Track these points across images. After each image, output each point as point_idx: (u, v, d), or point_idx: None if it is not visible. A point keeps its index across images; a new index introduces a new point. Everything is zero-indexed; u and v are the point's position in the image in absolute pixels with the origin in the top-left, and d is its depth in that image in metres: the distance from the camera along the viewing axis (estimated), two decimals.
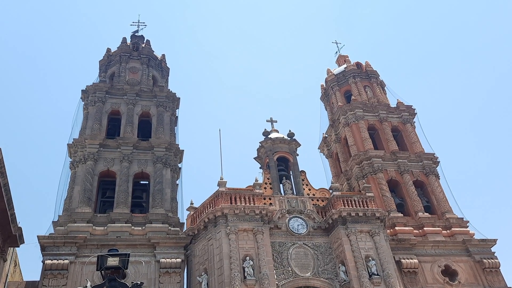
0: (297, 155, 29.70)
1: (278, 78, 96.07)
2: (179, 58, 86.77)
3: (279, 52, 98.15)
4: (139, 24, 40.12)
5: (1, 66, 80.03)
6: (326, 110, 40.22)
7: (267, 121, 31.83)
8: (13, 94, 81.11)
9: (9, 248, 21.33)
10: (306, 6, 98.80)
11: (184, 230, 25.96)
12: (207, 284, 22.50)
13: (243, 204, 24.39)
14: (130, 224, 25.09)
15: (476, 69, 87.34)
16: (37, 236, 23.02)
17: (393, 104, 36.71)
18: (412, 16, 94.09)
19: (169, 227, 25.42)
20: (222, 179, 25.63)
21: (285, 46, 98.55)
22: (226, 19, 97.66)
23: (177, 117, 33.98)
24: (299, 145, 30.11)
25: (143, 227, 25.11)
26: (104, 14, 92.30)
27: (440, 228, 28.50)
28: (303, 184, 27.98)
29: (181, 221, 26.73)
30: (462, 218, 29.39)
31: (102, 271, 10.29)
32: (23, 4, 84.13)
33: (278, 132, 30.98)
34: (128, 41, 37.86)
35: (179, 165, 30.54)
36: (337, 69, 40.88)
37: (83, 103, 32.27)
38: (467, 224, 29.18)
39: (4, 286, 21.18)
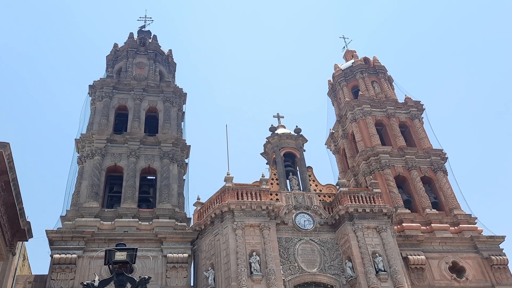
0: (304, 150, 29.65)
1: (285, 73, 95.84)
2: (186, 54, 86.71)
3: (286, 47, 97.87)
4: (146, 19, 40.20)
5: (9, 62, 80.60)
6: (333, 105, 40.05)
7: (273, 116, 31.84)
8: (21, 90, 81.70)
9: (18, 242, 21.47)
10: (313, 1, 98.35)
11: (190, 225, 26.04)
12: (214, 279, 22.57)
13: (249, 200, 24.40)
14: (137, 219, 25.20)
15: (485, 64, 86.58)
16: (46, 230, 23.22)
17: (401, 99, 36.48)
18: (420, 11, 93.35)
19: (176, 222, 25.50)
20: (229, 174, 25.65)
21: (293, 41, 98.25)
22: (232, 14, 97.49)
23: (184, 112, 34.01)
24: (306, 140, 30.05)
25: (150, 222, 25.22)
26: (111, 10, 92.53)
27: (448, 225, 28.33)
28: (309, 180, 27.92)
29: (188, 216, 26.81)
30: (470, 214, 29.20)
31: (110, 266, 10.30)
32: (30, 0, 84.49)
33: (285, 128, 30.92)
34: (135, 36, 37.91)
35: (186, 160, 30.60)
36: (344, 64, 40.64)
37: (90, 98, 32.40)
38: (475, 221, 28.98)
39: (13, 280, 21.36)
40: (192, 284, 23.71)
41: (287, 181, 27.77)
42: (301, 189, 27.25)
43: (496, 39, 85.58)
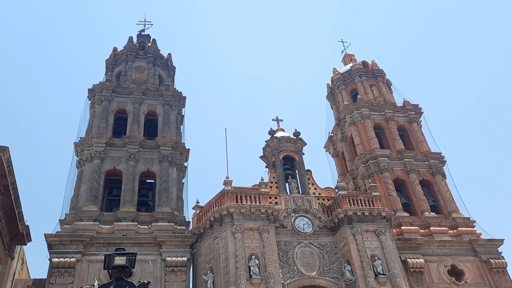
0: (303, 154, 29.69)
1: (284, 77, 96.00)
2: (185, 57, 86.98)
3: (285, 51, 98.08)
4: (145, 23, 40.22)
5: (8, 65, 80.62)
6: (332, 109, 40.13)
7: (273, 120, 31.89)
8: (21, 93, 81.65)
9: (17, 246, 21.44)
10: (312, 5, 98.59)
11: (190, 229, 26.02)
12: (213, 283, 22.56)
13: (249, 203, 24.41)
14: (136, 223, 25.18)
15: (484, 68, 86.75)
16: (44, 234, 23.16)
17: (399, 103, 36.54)
18: (418, 14, 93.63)
19: (175, 226, 25.48)
20: (228, 178, 25.65)
21: (291, 45, 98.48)
22: (232, 18, 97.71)
23: (183, 116, 34.04)
24: (305, 144, 30.10)
25: (149, 226, 25.19)
26: (110, 13, 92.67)
27: (447, 228, 28.36)
28: (309, 183, 27.95)
29: (187, 220, 26.76)
30: (469, 217, 29.23)
31: (109, 270, 10.31)
32: (30, 3, 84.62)
33: (284, 131, 30.97)
34: (135, 40, 37.96)
35: (185, 163, 30.59)
36: (343, 68, 40.75)
37: (89, 102, 32.41)
38: (474, 224, 29.01)
39: (12, 284, 21.33)
40: None
41: (286, 184, 27.79)
42: (300, 192, 27.27)
43: (494, 42, 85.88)
